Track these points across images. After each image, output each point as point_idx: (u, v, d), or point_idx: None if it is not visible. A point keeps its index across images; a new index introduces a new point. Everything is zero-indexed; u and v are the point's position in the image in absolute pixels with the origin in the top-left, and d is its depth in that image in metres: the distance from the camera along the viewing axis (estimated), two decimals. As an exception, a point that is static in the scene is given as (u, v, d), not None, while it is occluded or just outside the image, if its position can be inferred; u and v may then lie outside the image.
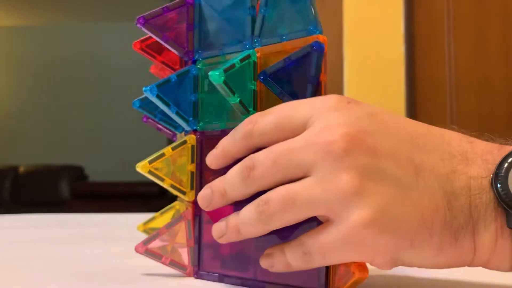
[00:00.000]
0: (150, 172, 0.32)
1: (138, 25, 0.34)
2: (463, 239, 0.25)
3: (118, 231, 0.62)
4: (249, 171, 0.27)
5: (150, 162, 0.32)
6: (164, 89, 0.33)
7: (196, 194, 0.33)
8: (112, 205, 2.83)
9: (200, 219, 0.34)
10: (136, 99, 0.36)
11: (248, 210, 0.27)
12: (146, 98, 0.35)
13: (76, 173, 3.96)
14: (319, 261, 0.26)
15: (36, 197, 3.81)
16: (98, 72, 4.84)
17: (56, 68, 4.87)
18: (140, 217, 0.45)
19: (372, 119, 0.26)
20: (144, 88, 0.33)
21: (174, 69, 0.38)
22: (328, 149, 0.25)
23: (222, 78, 0.29)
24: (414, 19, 1.53)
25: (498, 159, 0.26)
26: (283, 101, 0.30)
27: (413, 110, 1.51)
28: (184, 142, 0.34)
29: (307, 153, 0.25)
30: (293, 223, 0.26)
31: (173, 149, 0.34)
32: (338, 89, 1.47)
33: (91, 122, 4.79)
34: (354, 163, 0.24)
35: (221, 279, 0.33)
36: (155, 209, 0.46)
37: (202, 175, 0.34)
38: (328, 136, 0.25)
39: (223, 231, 0.29)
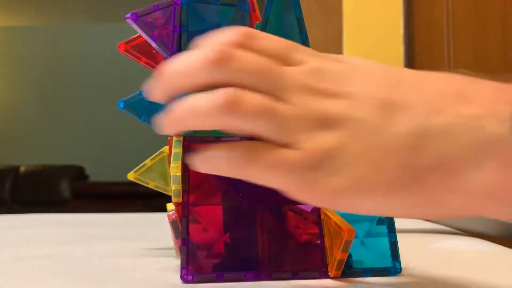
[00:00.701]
0: (136, 178, 0.40)
1: (129, 21, 0.34)
2: (433, 177, 0.24)
3: (118, 231, 0.62)
4: (224, 62, 0.25)
5: (135, 171, 0.39)
6: (133, 102, 0.37)
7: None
8: (112, 205, 2.83)
9: (187, 219, 0.33)
10: (120, 100, 0.37)
11: (207, 98, 0.25)
12: (130, 98, 0.36)
13: (77, 173, 3.96)
14: (255, 176, 0.25)
15: (36, 197, 3.81)
16: (98, 72, 4.84)
17: (56, 68, 4.87)
18: (140, 217, 0.45)
19: (353, 69, 0.27)
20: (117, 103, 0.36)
21: None
22: (302, 82, 0.25)
23: None
24: (414, 19, 1.53)
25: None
26: None
27: (413, 110, 1.51)
28: (161, 152, 0.40)
29: (291, 77, 0.26)
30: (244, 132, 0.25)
31: (152, 159, 0.41)
32: (338, 89, 1.48)
33: (92, 122, 4.80)
34: (321, 104, 0.25)
35: (219, 278, 0.32)
36: (155, 209, 0.46)
37: (187, 176, 0.34)
38: (304, 70, 0.26)
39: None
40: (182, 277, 0.32)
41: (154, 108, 0.37)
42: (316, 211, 0.34)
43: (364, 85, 0.26)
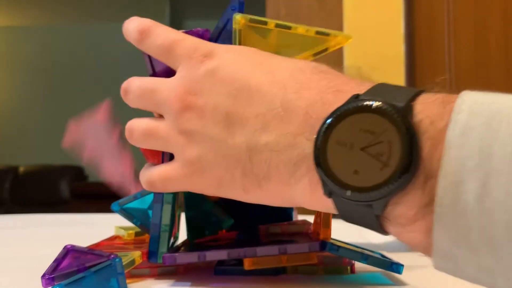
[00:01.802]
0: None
1: None
2: (267, 185, 0.28)
3: (118, 231, 0.61)
4: (124, 94, 0.35)
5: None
6: (127, 206, 0.39)
7: None
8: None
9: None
10: (115, 202, 0.40)
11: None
12: (124, 202, 0.39)
13: (76, 173, 3.96)
14: (160, 188, 0.33)
15: (36, 197, 3.81)
16: (98, 72, 4.84)
17: (56, 68, 4.87)
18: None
19: (210, 78, 0.30)
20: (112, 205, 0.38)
21: None
22: (170, 107, 0.31)
23: None
24: (414, 19, 1.52)
25: (322, 115, 0.25)
26: None
27: (413, 110, 1.51)
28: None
29: (164, 100, 0.32)
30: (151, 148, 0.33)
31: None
32: (338, 89, 1.47)
33: (91, 122, 4.79)
34: (184, 124, 0.30)
35: (201, 257, 0.32)
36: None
37: None
38: (171, 94, 0.31)
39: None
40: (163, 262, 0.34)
41: (147, 212, 0.40)
42: None
43: (213, 95, 0.30)
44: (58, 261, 0.31)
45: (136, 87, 0.34)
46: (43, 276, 0.29)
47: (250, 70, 0.30)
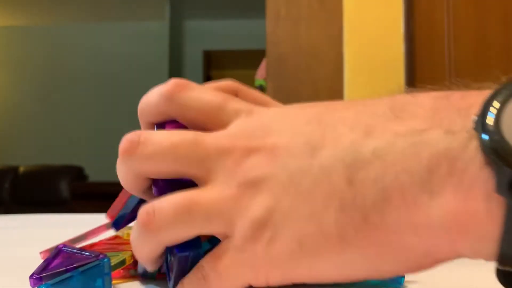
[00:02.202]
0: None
1: None
2: (381, 216, 0.19)
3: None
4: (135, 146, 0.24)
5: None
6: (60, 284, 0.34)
7: None
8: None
9: None
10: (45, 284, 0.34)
11: (135, 228, 0.24)
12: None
13: (76, 173, 3.96)
14: (216, 284, 0.22)
15: (36, 197, 3.81)
16: (98, 72, 4.84)
17: (56, 68, 4.87)
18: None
19: (278, 115, 0.24)
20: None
21: None
22: (225, 157, 0.23)
23: None
24: (414, 19, 1.52)
25: (463, 105, 0.19)
26: None
27: (413, 110, 1.51)
28: None
29: (211, 153, 0.23)
30: (185, 239, 0.23)
31: None
32: (338, 89, 1.47)
33: (91, 122, 4.79)
34: (248, 173, 0.22)
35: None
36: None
37: None
38: (223, 143, 0.23)
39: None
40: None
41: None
42: None
43: (287, 132, 0.23)
44: (48, 261, 0.31)
45: (159, 144, 0.24)
46: (31, 276, 0.29)
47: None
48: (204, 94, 0.26)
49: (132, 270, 0.36)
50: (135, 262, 0.34)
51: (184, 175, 0.24)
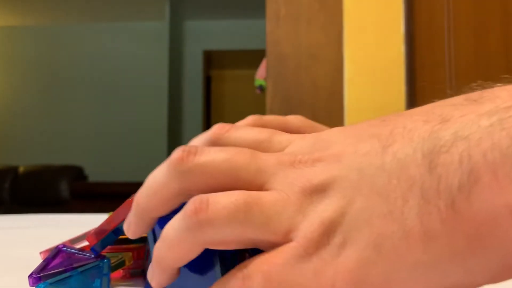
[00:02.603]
0: None
1: None
2: (468, 200, 0.17)
3: (118, 231, 0.61)
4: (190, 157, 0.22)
5: None
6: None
7: None
8: (112, 205, 2.83)
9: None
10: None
11: (177, 217, 0.21)
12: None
13: (76, 173, 3.96)
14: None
15: (35, 197, 3.81)
16: (98, 72, 4.84)
17: (56, 68, 4.87)
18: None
19: (337, 132, 0.23)
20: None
21: None
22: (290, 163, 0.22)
23: None
24: (414, 19, 1.52)
25: None
26: None
27: (413, 110, 1.51)
28: None
29: (270, 163, 0.22)
30: (232, 245, 0.21)
31: None
32: (338, 89, 1.47)
33: (91, 122, 4.79)
34: (315, 177, 0.21)
35: None
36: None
37: None
38: (281, 158, 0.22)
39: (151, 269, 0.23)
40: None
41: None
42: None
43: (350, 139, 0.22)
44: (48, 261, 0.31)
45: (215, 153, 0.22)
46: (30, 275, 0.29)
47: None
48: (248, 132, 0.25)
49: (133, 270, 0.36)
50: (143, 273, 0.34)
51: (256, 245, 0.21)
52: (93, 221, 0.75)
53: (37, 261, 0.42)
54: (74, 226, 0.69)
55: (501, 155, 0.16)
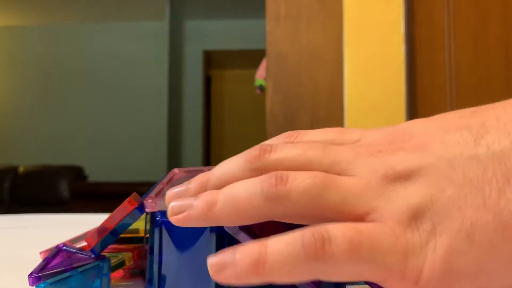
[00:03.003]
0: None
1: None
2: None
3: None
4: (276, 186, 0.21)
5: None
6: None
7: None
8: (112, 205, 2.83)
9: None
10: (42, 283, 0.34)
11: (286, 242, 0.19)
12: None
13: (76, 173, 3.96)
14: (337, 259, 0.19)
15: (35, 197, 3.81)
16: (98, 72, 4.84)
17: (56, 68, 4.87)
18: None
19: (420, 123, 0.23)
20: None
21: None
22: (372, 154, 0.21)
23: None
24: (414, 19, 1.53)
25: None
26: None
27: (413, 110, 1.51)
28: None
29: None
30: (304, 220, 0.21)
31: None
32: (338, 89, 1.47)
33: (91, 122, 4.79)
34: (390, 167, 0.20)
35: None
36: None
37: None
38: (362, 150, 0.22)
39: (229, 263, 0.19)
40: None
41: None
42: None
43: (435, 130, 0.21)
44: (48, 260, 0.31)
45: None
46: (30, 275, 0.29)
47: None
48: (318, 132, 0.25)
49: (133, 270, 0.36)
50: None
51: None
52: (93, 221, 0.75)
53: (37, 261, 0.42)
54: (74, 226, 0.69)
55: None
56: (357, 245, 0.19)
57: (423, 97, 1.51)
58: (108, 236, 0.30)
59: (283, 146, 0.22)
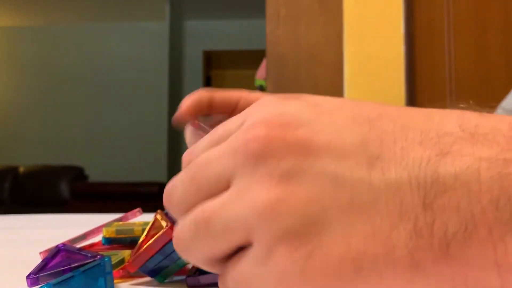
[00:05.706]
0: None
1: None
2: (460, 249, 0.16)
3: (118, 231, 0.61)
4: (170, 198, 0.21)
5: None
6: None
7: None
8: (112, 205, 2.83)
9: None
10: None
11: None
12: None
13: (76, 173, 3.97)
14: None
15: (35, 197, 3.81)
16: (98, 72, 4.84)
17: (56, 68, 4.87)
18: (140, 217, 0.45)
19: (310, 108, 0.19)
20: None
21: None
22: (243, 153, 0.19)
23: None
24: (414, 19, 1.52)
25: None
26: None
27: (413, 110, 1.51)
28: None
29: (227, 160, 0.19)
30: (218, 254, 0.19)
31: None
32: (338, 89, 1.47)
33: (91, 122, 4.79)
34: (272, 167, 0.18)
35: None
36: (155, 209, 0.45)
37: None
38: (245, 135, 0.19)
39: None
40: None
41: None
42: None
43: (326, 125, 0.19)
44: (47, 260, 0.31)
45: (181, 174, 0.21)
46: (28, 276, 0.29)
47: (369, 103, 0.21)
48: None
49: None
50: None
51: None
52: (93, 221, 0.75)
53: (37, 261, 0.42)
54: (74, 226, 0.69)
55: (498, 214, 0.16)
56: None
57: (423, 97, 1.51)
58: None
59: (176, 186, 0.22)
